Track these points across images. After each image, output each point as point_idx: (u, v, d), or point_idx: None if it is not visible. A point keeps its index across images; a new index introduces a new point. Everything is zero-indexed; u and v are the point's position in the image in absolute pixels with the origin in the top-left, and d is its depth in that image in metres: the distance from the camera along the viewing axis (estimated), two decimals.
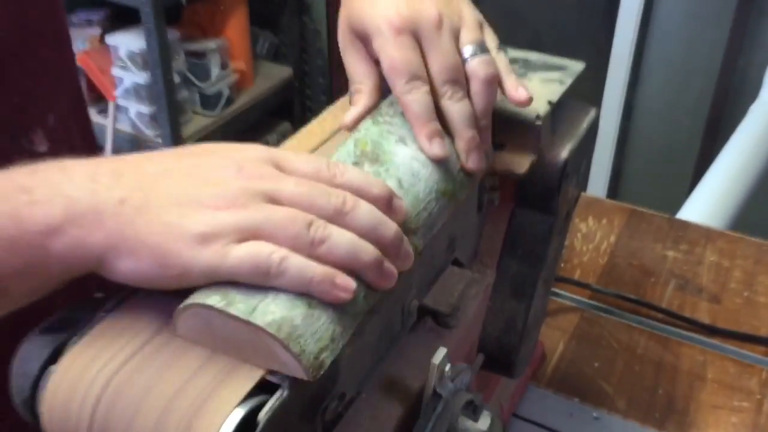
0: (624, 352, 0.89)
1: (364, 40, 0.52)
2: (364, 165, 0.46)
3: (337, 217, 0.39)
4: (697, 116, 2.15)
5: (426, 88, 0.48)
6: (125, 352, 0.38)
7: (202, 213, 0.37)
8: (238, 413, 0.35)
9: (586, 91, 0.64)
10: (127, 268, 0.37)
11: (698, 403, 0.82)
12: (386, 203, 0.42)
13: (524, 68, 0.60)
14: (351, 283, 0.38)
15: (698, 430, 0.79)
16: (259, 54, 2.52)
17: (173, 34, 2.13)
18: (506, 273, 0.61)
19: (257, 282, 0.37)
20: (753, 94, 1.75)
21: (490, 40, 0.52)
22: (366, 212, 0.40)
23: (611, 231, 1.09)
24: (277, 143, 0.50)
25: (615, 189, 2.35)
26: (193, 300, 0.37)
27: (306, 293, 0.37)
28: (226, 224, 0.37)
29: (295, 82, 2.56)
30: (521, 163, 0.55)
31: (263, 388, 0.36)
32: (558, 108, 0.57)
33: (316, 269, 0.37)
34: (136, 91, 2.19)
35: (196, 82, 2.23)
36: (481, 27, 0.52)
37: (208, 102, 2.27)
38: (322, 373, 0.36)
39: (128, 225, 0.37)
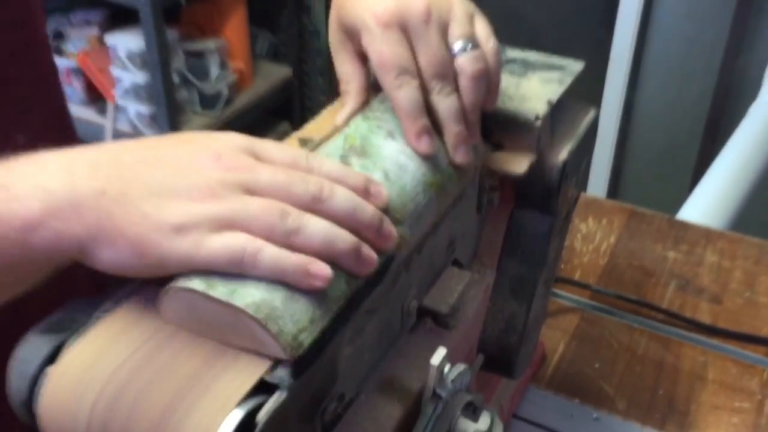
0: (624, 352, 0.89)
1: (353, 37, 0.52)
2: (352, 158, 0.47)
3: (315, 204, 0.40)
4: (696, 116, 2.15)
5: (415, 83, 0.48)
6: (123, 353, 0.38)
7: (179, 204, 0.38)
8: (237, 414, 0.34)
9: (586, 90, 0.64)
10: (107, 257, 0.38)
11: (699, 403, 0.82)
12: (363, 190, 0.42)
13: (523, 68, 0.60)
14: (326, 271, 0.38)
15: (699, 431, 0.79)
16: (259, 54, 2.52)
17: (172, 34, 2.13)
18: (506, 273, 0.61)
19: (233, 272, 0.37)
20: (753, 94, 1.74)
21: (482, 32, 0.52)
22: (343, 197, 0.41)
23: (611, 231, 1.09)
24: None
25: (615, 189, 2.35)
26: (175, 284, 0.37)
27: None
28: (202, 215, 0.37)
29: (295, 81, 2.56)
30: (521, 163, 0.55)
31: (262, 388, 0.36)
32: (557, 108, 0.57)
33: (290, 259, 0.38)
34: (136, 92, 2.19)
35: (196, 82, 2.23)
36: (472, 19, 0.52)
37: (208, 102, 2.27)
38: (300, 353, 0.36)
39: (107, 216, 0.37)
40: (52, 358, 0.38)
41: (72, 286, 0.39)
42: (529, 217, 0.59)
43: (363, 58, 0.53)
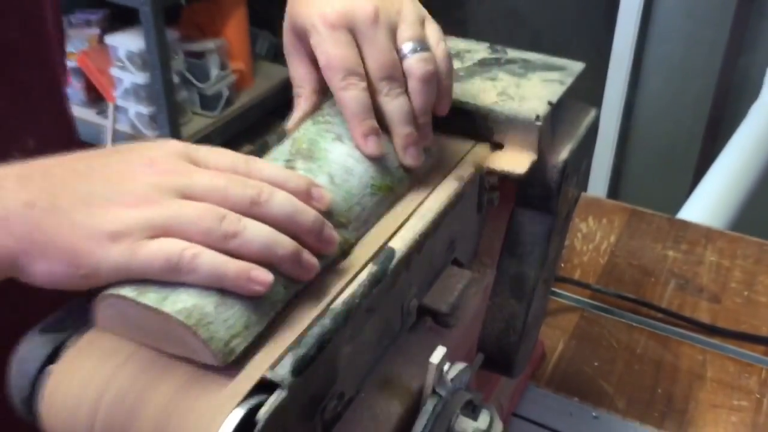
0: (624, 351, 0.89)
1: (303, 39, 0.51)
2: (297, 162, 0.47)
3: (253, 208, 0.39)
4: (697, 116, 2.15)
5: (363, 84, 0.48)
6: (125, 352, 0.38)
7: (112, 211, 0.37)
8: (238, 413, 0.35)
9: (586, 91, 0.64)
10: (40, 271, 0.37)
11: (698, 402, 0.82)
12: (305, 194, 0.42)
13: (524, 69, 0.60)
14: (267, 276, 0.38)
15: (698, 429, 0.79)
16: (259, 54, 2.53)
17: (172, 34, 2.14)
18: (506, 273, 0.61)
19: (169, 278, 0.37)
20: (753, 94, 1.75)
21: (433, 35, 0.51)
22: (282, 200, 0.40)
23: (611, 231, 1.09)
24: (277, 143, 0.50)
25: (615, 189, 2.35)
26: (107, 291, 0.37)
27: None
28: (136, 221, 0.37)
29: None
30: (521, 163, 0.55)
31: (262, 387, 0.36)
32: (558, 108, 0.57)
33: (229, 264, 0.37)
34: (136, 92, 2.19)
35: (196, 82, 2.23)
36: (422, 23, 0.51)
37: (208, 102, 2.27)
38: (232, 359, 0.36)
39: (37, 228, 0.36)
40: (53, 357, 0.38)
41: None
42: (530, 217, 0.59)
43: (315, 61, 0.52)
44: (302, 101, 0.53)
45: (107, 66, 2.19)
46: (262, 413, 0.35)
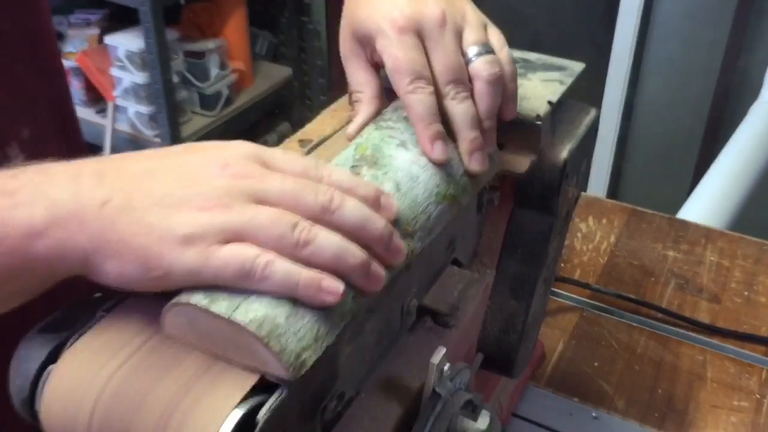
0: (624, 351, 0.89)
1: (366, 44, 0.51)
2: (363, 168, 0.46)
3: (324, 215, 0.39)
4: (697, 116, 2.15)
5: (430, 88, 0.48)
6: (125, 352, 0.38)
7: (185, 213, 0.36)
8: (237, 413, 0.35)
9: (586, 91, 0.64)
10: (112, 270, 0.37)
11: (698, 402, 0.82)
12: (374, 201, 0.41)
13: (524, 68, 0.60)
14: (338, 286, 0.37)
15: (698, 430, 0.79)
16: (259, 54, 2.52)
17: (172, 34, 2.13)
18: (506, 273, 0.61)
19: (241, 285, 0.36)
20: (753, 94, 1.75)
21: (496, 40, 0.52)
22: (353, 208, 0.39)
23: (611, 231, 1.09)
24: (276, 143, 0.50)
25: (615, 189, 2.35)
26: (178, 299, 0.36)
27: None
28: (210, 225, 0.36)
29: (295, 82, 2.56)
30: (521, 162, 0.55)
31: (262, 387, 0.36)
32: (558, 108, 0.57)
33: (301, 273, 0.37)
34: (135, 92, 2.19)
35: (195, 82, 2.23)
36: (485, 27, 0.52)
37: (208, 102, 2.27)
38: (303, 372, 0.36)
39: (111, 227, 0.36)
40: (53, 357, 0.38)
41: (76, 286, 0.39)
42: (530, 217, 0.59)
43: (375, 66, 0.52)
44: (364, 106, 0.53)
45: (107, 66, 2.19)
46: (262, 413, 0.35)
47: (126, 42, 2.12)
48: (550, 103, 0.56)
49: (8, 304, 0.38)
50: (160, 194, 0.37)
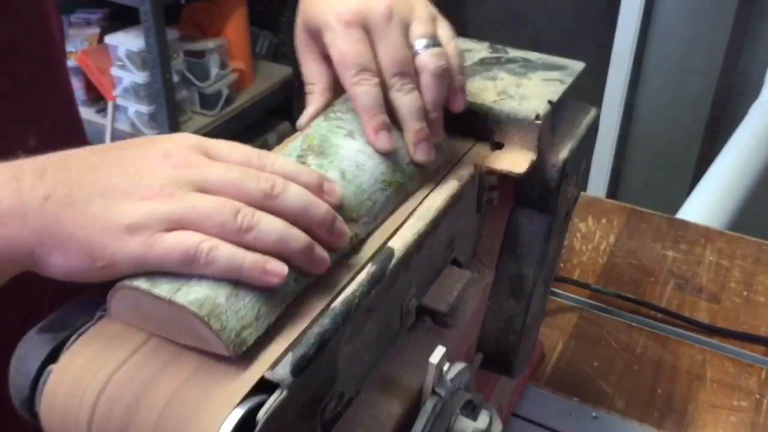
0: (623, 351, 0.89)
1: (316, 38, 0.52)
2: (309, 158, 0.47)
3: (267, 201, 0.39)
4: (697, 116, 2.15)
5: (375, 80, 0.49)
6: (124, 351, 0.38)
7: (128, 203, 0.37)
8: (238, 413, 0.35)
9: (587, 90, 0.64)
10: (57, 263, 0.37)
11: (697, 402, 0.82)
12: (317, 188, 0.42)
13: (524, 68, 0.60)
14: (282, 268, 0.38)
15: (697, 430, 0.79)
16: (259, 53, 2.52)
17: (172, 33, 2.13)
18: (505, 272, 0.61)
19: (186, 271, 0.37)
20: (754, 94, 1.75)
21: (445, 33, 0.52)
22: (295, 194, 0.40)
23: (611, 231, 1.09)
24: (277, 143, 0.50)
25: (615, 189, 2.36)
26: (121, 283, 0.37)
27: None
28: (153, 214, 0.37)
29: (295, 81, 2.56)
30: (521, 162, 0.55)
31: (262, 387, 0.36)
32: (558, 108, 0.57)
33: (245, 257, 0.38)
34: (135, 91, 2.19)
35: (196, 81, 2.23)
36: (434, 21, 0.52)
37: (208, 101, 2.27)
38: (244, 350, 0.37)
39: (53, 221, 0.37)
40: (53, 356, 0.38)
41: (77, 286, 0.39)
42: (529, 217, 0.59)
43: (328, 59, 0.53)
44: (314, 98, 0.54)
45: (107, 65, 2.19)
46: (262, 413, 0.35)
47: (126, 41, 2.12)
48: (550, 102, 0.56)
49: None
50: (102, 186, 0.38)
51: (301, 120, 0.52)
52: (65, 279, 0.38)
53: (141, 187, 0.38)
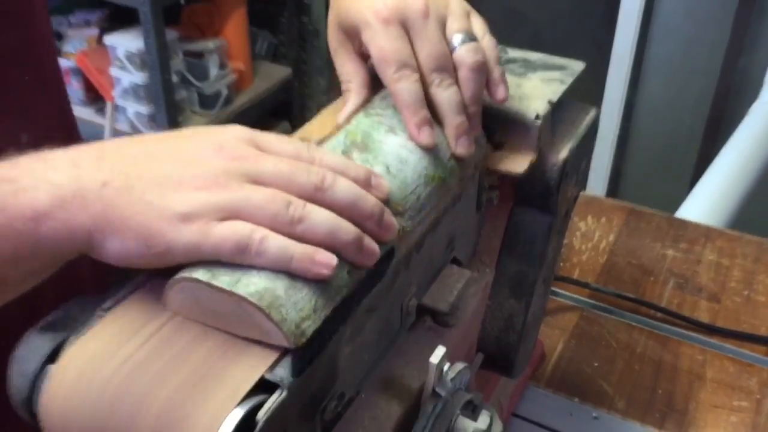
0: (623, 351, 0.89)
1: (352, 36, 0.53)
2: (353, 153, 0.47)
3: (317, 194, 0.40)
4: (697, 116, 2.15)
5: (415, 76, 0.49)
6: (124, 352, 0.38)
7: (183, 192, 0.38)
8: (238, 413, 0.35)
9: (587, 90, 0.64)
10: (113, 248, 0.38)
11: (698, 402, 0.82)
12: (365, 182, 0.43)
13: (524, 68, 0.60)
14: (332, 259, 0.39)
15: (698, 430, 0.79)
16: (258, 54, 2.52)
17: (172, 34, 2.13)
18: (505, 272, 0.61)
19: (238, 260, 0.38)
20: (753, 94, 1.75)
21: (479, 28, 0.53)
22: (345, 187, 0.41)
23: (610, 230, 1.09)
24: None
25: (614, 188, 2.35)
26: (180, 275, 0.38)
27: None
28: (207, 203, 0.38)
29: (294, 81, 2.56)
30: (520, 162, 0.55)
31: (263, 387, 0.36)
32: (558, 108, 0.57)
33: (296, 248, 0.38)
34: (135, 92, 2.19)
35: (195, 82, 2.23)
36: (468, 16, 0.53)
37: (207, 102, 2.27)
38: (304, 341, 0.37)
39: (112, 206, 0.37)
40: (52, 356, 0.38)
41: (78, 286, 0.39)
42: (529, 216, 0.59)
43: (363, 57, 0.54)
44: (352, 95, 0.54)
45: (106, 66, 2.19)
46: (262, 413, 0.35)
47: (125, 42, 2.12)
48: (550, 102, 0.56)
49: (16, 289, 0.39)
50: (159, 175, 0.39)
51: (341, 117, 0.53)
52: (121, 264, 0.39)
53: (196, 177, 0.39)
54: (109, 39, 2.16)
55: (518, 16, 2.30)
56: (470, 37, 0.51)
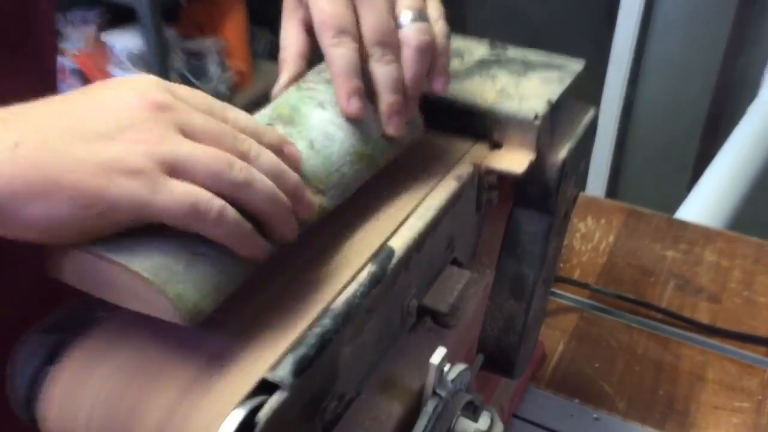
0: (624, 352, 0.89)
1: (304, 4, 0.50)
2: (277, 127, 0.46)
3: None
4: (696, 115, 2.15)
5: (354, 44, 0.47)
6: (124, 352, 0.37)
7: (117, 146, 0.34)
8: (238, 414, 0.34)
9: (586, 89, 0.64)
10: (35, 214, 0.33)
11: (699, 403, 0.82)
12: (277, 148, 0.41)
13: (523, 67, 0.60)
14: (266, 245, 0.38)
15: (699, 431, 0.79)
16: (258, 53, 2.52)
17: (171, 33, 2.13)
18: (505, 273, 0.61)
19: (188, 226, 0.35)
20: (753, 93, 1.75)
21: (434, 10, 0.51)
22: (269, 160, 0.39)
23: (610, 231, 1.09)
24: None
25: (614, 188, 2.35)
26: (73, 246, 0.35)
27: (204, 242, 0.36)
28: (148, 155, 0.35)
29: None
30: (520, 162, 0.55)
31: (263, 388, 0.36)
32: (557, 107, 0.57)
33: (246, 224, 0.37)
34: None
35: (195, 81, 2.22)
36: None
37: None
38: (200, 320, 0.35)
39: (31, 167, 0.33)
40: (52, 357, 0.38)
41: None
42: (528, 217, 0.59)
43: (309, 28, 0.51)
44: (287, 65, 0.52)
45: (105, 65, 2.19)
46: (263, 414, 0.35)
47: (125, 41, 2.12)
48: (549, 102, 0.56)
49: None
50: (81, 131, 0.35)
51: (275, 89, 0.51)
52: (45, 234, 0.34)
53: (126, 128, 0.35)
54: (109, 38, 2.16)
55: (518, 16, 2.30)
56: (421, 17, 0.48)
